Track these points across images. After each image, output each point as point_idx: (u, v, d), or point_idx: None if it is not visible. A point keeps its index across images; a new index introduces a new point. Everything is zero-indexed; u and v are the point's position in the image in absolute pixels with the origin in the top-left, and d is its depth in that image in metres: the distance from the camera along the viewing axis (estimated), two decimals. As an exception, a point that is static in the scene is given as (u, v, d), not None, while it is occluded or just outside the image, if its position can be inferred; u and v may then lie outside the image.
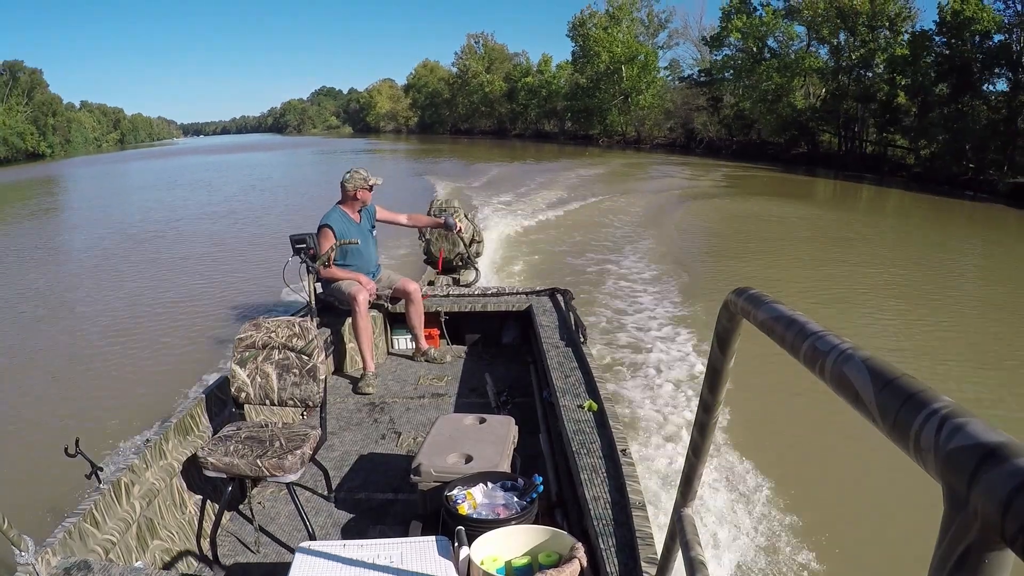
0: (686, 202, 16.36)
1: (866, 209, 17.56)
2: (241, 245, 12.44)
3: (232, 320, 7.30)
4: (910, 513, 3.56)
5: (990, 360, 6.12)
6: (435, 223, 4.82)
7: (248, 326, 2.82)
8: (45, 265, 11.55)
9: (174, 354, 6.54)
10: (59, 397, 5.67)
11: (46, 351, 6.89)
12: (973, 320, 7.39)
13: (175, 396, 5.14)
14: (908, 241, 12.67)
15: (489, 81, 57.14)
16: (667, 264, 9.56)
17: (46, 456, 3.99)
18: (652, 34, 42.99)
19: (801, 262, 10.41)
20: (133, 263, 11.19)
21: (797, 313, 0.64)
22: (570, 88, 44.82)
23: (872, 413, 0.46)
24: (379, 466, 3.11)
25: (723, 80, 33.43)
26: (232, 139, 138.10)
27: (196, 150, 69.71)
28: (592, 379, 3.06)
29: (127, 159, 55.45)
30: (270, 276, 8.00)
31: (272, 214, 16.56)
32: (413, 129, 77.94)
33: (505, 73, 56.80)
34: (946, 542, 0.39)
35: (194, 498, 2.65)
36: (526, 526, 2.02)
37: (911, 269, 9.75)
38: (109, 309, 8.40)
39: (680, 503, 1.05)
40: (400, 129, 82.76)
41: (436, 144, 49.87)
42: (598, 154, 33.54)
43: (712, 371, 0.88)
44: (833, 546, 3.50)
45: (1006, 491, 0.33)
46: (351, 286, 4.07)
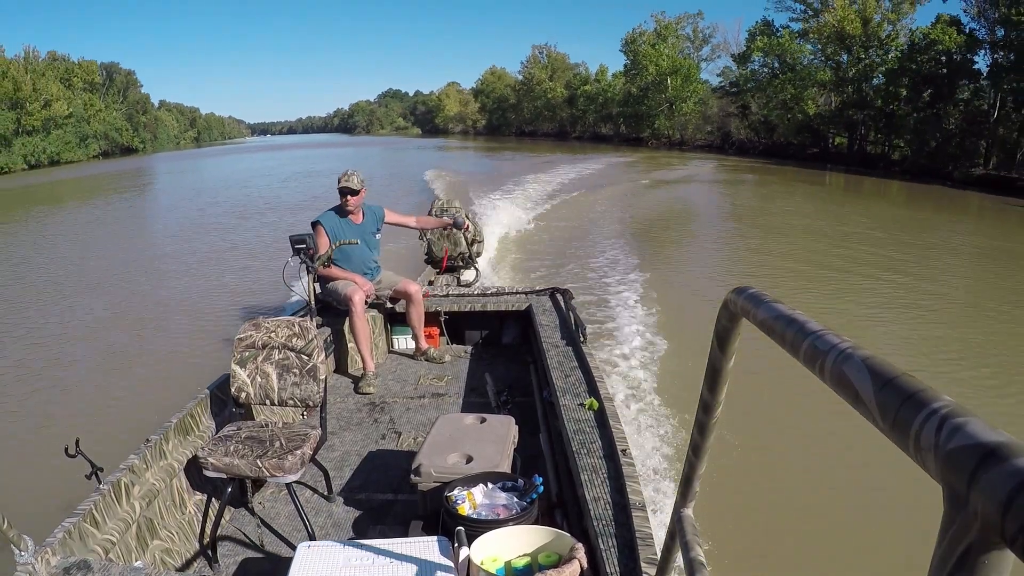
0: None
1: (852, 194, 21.95)
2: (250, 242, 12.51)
3: (232, 320, 7.31)
4: (910, 513, 3.56)
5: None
6: (443, 223, 4.80)
7: (248, 326, 2.82)
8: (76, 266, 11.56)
9: (174, 354, 6.54)
10: (59, 397, 5.67)
11: (46, 351, 6.89)
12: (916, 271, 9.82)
13: (175, 396, 5.13)
14: (883, 216, 15.95)
15: (551, 88, 63.13)
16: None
17: (46, 456, 3.99)
18: (697, 48, 49.04)
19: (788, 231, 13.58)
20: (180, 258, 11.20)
21: (797, 312, 0.63)
22: (623, 96, 50.10)
23: (872, 412, 0.46)
24: (379, 466, 3.11)
25: (748, 90, 38.72)
26: (301, 138, 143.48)
27: (279, 146, 75.60)
28: (592, 379, 3.06)
29: (214, 154, 63.06)
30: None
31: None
32: (480, 131, 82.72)
33: (566, 81, 62.77)
34: (946, 542, 0.39)
35: (194, 498, 2.64)
36: (526, 526, 2.02)
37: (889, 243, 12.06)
38: (109, 308, 8.40)
39: (680, 503, 1.05)
40: (467, 131, 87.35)
41: (503, 143, 56.21)
42: (647, 152, 39.81)
43: (712, 371, 0.88)
44: (833, 546, 3.50)
45: (1006, 491, 0.33)
46: (347, 287, 4.08)
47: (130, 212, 20.09)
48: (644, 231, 13.09)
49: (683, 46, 48.20)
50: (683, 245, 12.52)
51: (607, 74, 56.80)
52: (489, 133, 77.48)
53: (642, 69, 46.03)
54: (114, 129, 62.24)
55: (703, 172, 27.25)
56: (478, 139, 71.36)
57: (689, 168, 28.70)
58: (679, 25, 48.35)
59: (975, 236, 13.88)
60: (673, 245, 12.48)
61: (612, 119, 53.34)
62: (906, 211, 17.81)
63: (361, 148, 62.44)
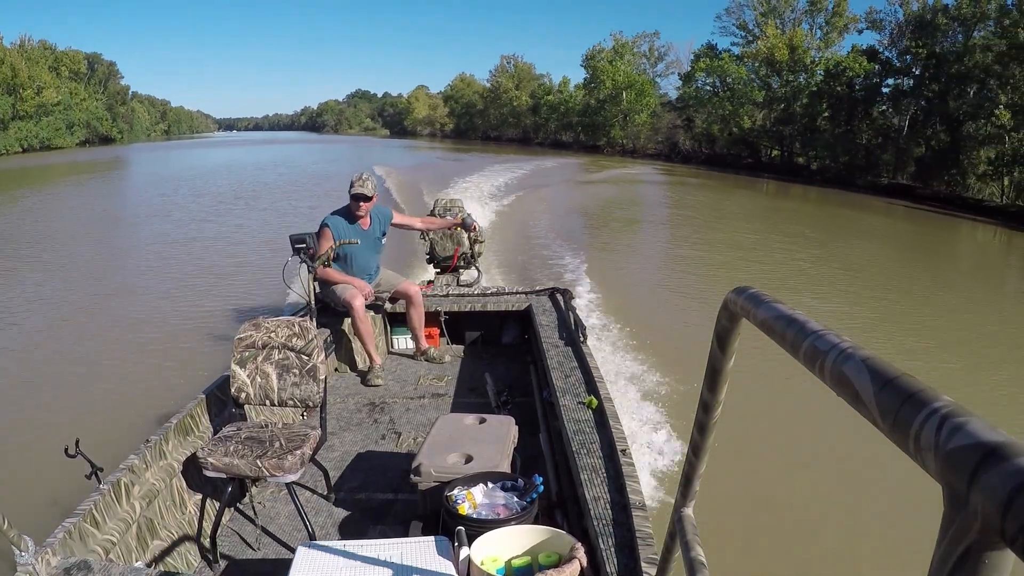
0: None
1: (769, 196, 26.17)
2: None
3: (231, 320, 7.30)
4: (910, 513, 3.56)
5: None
6: (450, 224, 4.74)
7: (248, 326, 2.82)
8: (52, 267, 11.56)
9: (174, 354, 6.54)
10: (59, 397, 5.67)
11: (45, 351, 6.88)
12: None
13: (175, 396, 5.14)
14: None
15: (517, 96, 67.38)
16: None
17: (46, 456, 3.99)
18: (653, 64, 53.76)
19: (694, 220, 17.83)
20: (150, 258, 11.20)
21: (797, 312, 0.63)
22: (583, 106, 54.06)
23: (872, 412, 0.46)
24: (379, 466, 3.11)
25: (691, 106, 42.64)
26: (272, 135, 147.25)
27: (252, 141, 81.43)
28: (592, 379, 3.06)
29: (192, 146, 66.15)
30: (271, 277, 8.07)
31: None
32: (448, 134, 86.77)
33: (531, 91, 66.80)
34: (946, 542, 0.39)
35: (194, 498, 2.64)
36: (526, 526, 2.02)
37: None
38: (110, 307, 8.40)
39: (680, 503, 1.05)
40: (435, 133, 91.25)
41: (469, 145, 60.80)
42: (599, 157, 44.51)
43: (712, 371, 0.88)
44: (833, 546, 3.50)
45: (1006, 491, 0.33)
46: (346, 291, 4.07)
47: (141, 199, 21.21)
48: (588, 217, 16.76)
49: (639, 63, 53.05)
50: (615, 231, 15.38)
51: (569, 86, 61.15)
52: (457, 136, 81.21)
53: (600, 83, 50.44)
54: (96, 118, 63.99)
55: (642, 173, 32.58)
56: (445, 141, 76.06)
57: (628, 170, 33.44)
58: (635, 44, 53.07)
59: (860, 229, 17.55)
60: (603, 229, 15.29)
61: (572, 127, 57.24)
62: (812, 207, 22.45)
63: (334, 145, 68.37)
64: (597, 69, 51.04)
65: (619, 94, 49.13)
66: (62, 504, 3.34)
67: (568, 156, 43.25)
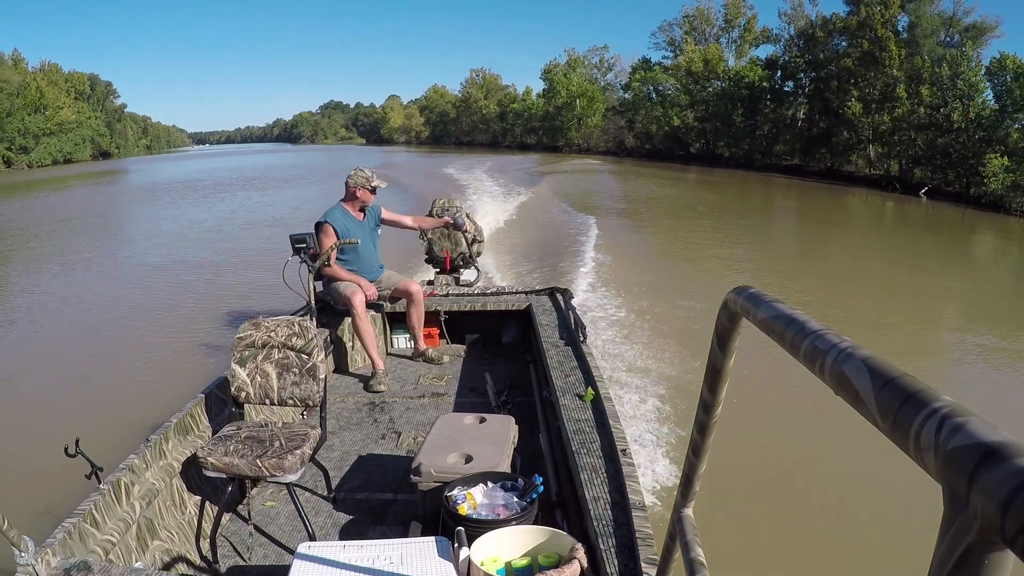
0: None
1: (696, 182, 30.40)
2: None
3: (231, 319, 7.30)
4: (910, 513, 3.56)
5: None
6: (440, 223, 4.74)
7: (248, 325, 2.82)
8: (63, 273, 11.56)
9: (174, 354, 6.53)
10: (59, 397, 5.67)
11: (45, 351, 6.89)
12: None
13: (175, 396, 5.13)
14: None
15: (486, 105, 75.70)
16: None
17: (46, 456, 3.99)
18: (603, 73, 62.65)
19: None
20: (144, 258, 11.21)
21: (797, 312, 0.63)
22: (543, 113, 62.40)
23: (872, 412, 0.46)
24: (379, 466, 3.10)
25: (632, 110, 51.23)
26: (251, 146, 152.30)
27: (233, 152, 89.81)
28: (592, 378, 3.06)
29: (179, 159, 71.25)
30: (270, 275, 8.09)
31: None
32: (424, 141, 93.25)
33: (498, 100, 75.30)
34: (946, 542, 0.39)
35: (194, 498, 2.64)
36: (526, 527, 2.01)
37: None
38: (109, 307, 8.40)
39: (680, 503, 1.05)
40: (411, 140, 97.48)
41: (445, 150, 67.40)
42: (563, 155, 52.20)
43: (712, 370, 0.88)
44: (834, 546, 3.50)
45: (1006, 491, 0.33)
46: (348, 288, 4.06)
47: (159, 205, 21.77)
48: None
49: (591, 73, 61.63)
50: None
51: (531, 95, 68.88)
52: (433, 142, 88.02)
53: (556, 93, 58.54)
54: (98, 134, 70.72)
55: (593, 164, 39.18)
56: (421, 147, 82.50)
57: (576, 164, 39.36)
58: (587, 57, 62.40)
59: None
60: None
61: (535, 131, 65.34)
62: (722, 185, 27.98)
63: (311, 153, 76.96)
64: (554, 81, 59.48)
65: (573, 101, 57.32)
66: (62, 504, 3.34)
67: (531, 154, 51.56)
